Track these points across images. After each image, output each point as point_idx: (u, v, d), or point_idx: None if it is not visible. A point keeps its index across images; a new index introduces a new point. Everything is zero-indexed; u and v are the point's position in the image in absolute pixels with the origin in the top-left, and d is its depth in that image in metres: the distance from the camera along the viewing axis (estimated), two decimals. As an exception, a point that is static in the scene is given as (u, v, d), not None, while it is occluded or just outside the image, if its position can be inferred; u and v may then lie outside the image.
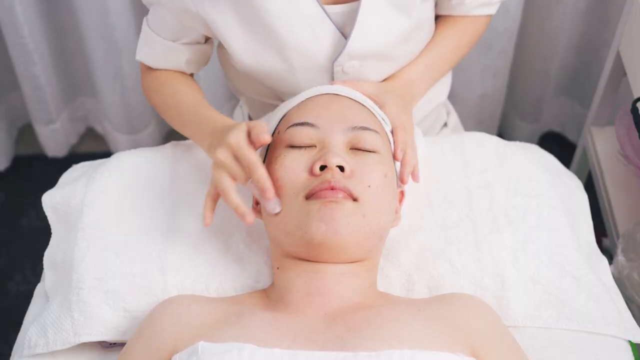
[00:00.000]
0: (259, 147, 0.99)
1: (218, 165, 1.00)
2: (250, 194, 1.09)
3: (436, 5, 1.24)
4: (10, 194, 2.20)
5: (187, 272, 1.09)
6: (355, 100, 1.08)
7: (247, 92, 1.34)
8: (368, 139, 1.02)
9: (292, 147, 1.01)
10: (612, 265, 1.37)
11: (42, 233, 2.02)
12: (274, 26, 1.08)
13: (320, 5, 1.07)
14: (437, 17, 1.27)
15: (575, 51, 2.07)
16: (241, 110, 1.43)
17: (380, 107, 1.11)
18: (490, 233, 1.13)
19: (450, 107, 1.51)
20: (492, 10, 1.27)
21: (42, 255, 1.19)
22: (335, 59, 1.12)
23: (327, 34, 1.10)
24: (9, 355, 1.09)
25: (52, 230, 1.21)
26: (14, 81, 2.15)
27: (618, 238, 1.47)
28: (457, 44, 1.26)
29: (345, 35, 1.11)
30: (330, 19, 1.08)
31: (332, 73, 1.15)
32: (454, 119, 1.50)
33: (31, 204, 2.15)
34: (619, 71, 1.60)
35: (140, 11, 1.97)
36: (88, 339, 1.04)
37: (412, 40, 1.18)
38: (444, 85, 1.41)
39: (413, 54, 1.22)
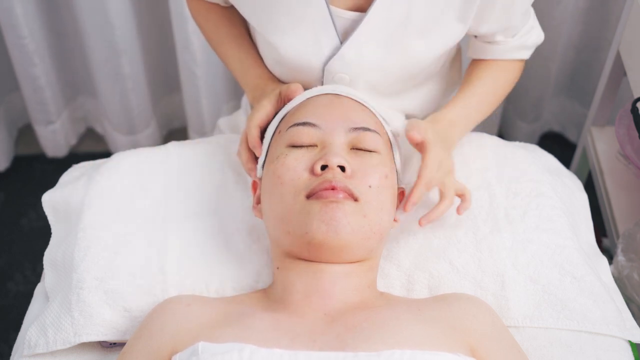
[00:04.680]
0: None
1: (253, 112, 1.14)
2: (251, 193, 1.11)
3: (469, 49, 1.25)
4: (10, 194, 2.20)
5: (187, 272, 1.09)
6: (356, 101, 1.08)
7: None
8: (369, 140, 1.02)
9: (294, 146, 1.01)
10: (612, 265, 1.37)
11: (42, 233, 2.03)
12: (278, 14, 1.08)
13: (328, 6, 1.06)
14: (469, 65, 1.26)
15: (575, 51, 2.07)
16: (244, 112, 1.43)
17: (422, 153, 1.08)
18: (490, 233, 1.13)
19: None
20: (526, 54, 1.23)
21: (42, 255, 1.19)
22: (327, 62, 1.12)
23: (325, 34, 1.09)
24: (9, 355, 1.09)
25: (52, 230, 1.21)
26: (14, 82, 2.15)
27: (618, 238, 1.47)
28: (493, 87, 1.22)
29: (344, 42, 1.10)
30: (334, 22, 1.08)
31: (322, 79, 1.15)
32: None
33: (31, 204, 2.15)
34: (619, 71, 1.60)
35: (140, 12, 1.97)
36: (88, 339, 1.04)
37: (409, 78, 1.18)
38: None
39: (409, 95, 1.22)
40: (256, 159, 1.13)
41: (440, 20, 1.08)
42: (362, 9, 1.08)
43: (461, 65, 1.35)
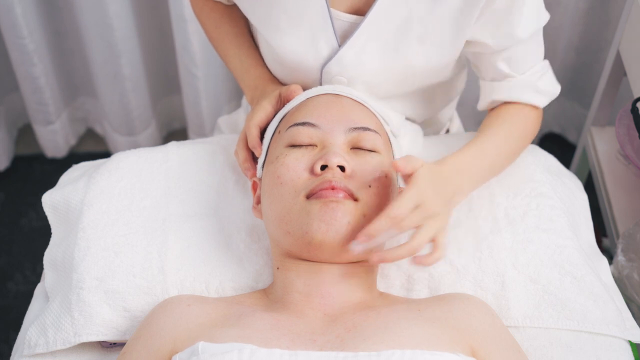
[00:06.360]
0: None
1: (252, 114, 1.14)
2: (251, 193, 1.11)
3: (480, 101, 1.22)
4: (10, 194, 2.20)
5: (187, 272, 1.09)
6: (356, 101, 1.08)
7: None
8: (369, 139, 1.02)
9: (293, 146, 1.01)
10: (612, 265, 1.37)
11: (42, 233, 2.03)
12: (278, 12, 1.08)
13: (328, 7, 1.06)
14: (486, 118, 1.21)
15: (576, 52, 2.07)
16: (245, 111, 1.43)
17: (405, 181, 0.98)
18: (491, 233, 1.13)
19: (455, 113, 1.50)
20: (539, 100, 1.18)
21: (42, 255, 1.19)
22: (325, 64, 1.12)
23: (324, 36, 1.09)
24: (9, 355, 1.09)
25: (52, 230, 1.21)
26: (14, 82, 2.15)
27: (618, 238, 1.47)
28: (508, 136, 1.15)
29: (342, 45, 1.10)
30: (333, 24, 1.08)
31: (320, 80, 1.15)
32: (456, 124, 1.50)
33: (31, 204, 2.15)
34: (619, 71, 1.61)
35: (139, 13, 1.97)
36: (88, 339, 1.04)
37: (408, 84, 1.17)
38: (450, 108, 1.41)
39: (408, 99, 1.22)
40: (253, 158, 1.13)
41: (441, 29, 1.07)
42: (362, 12, 1.08)
43: (466, 75, 1.34)
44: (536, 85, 1.16)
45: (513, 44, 1.11)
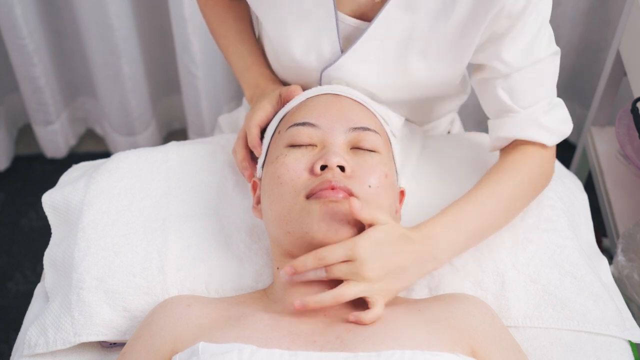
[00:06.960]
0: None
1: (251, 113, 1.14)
2: (251, 193, 1.11)
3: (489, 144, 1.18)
4: (10, 194, 2.20)
5: (187, 272, 1.09)
6: (356, 101, 1.08)
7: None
8: (368, 139, 1.02)
9: (293, 146, 1.01)
10: (612, 265, 1.37)
11: (42, 233, 2.03)
12: (283, 8, 1.07)
13: (335, 9, 1.06)
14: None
15: (576, 52, 2.07)
16: (245, 109, 1.43)
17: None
18: (491, 233, 1.13)
19: (456, 115, 1.50)
20: (546, 138, 1.10)
21: (42, 255, 1.19)
22: (326, 67, 1.11)
23: (327, 37, 1.09)
24: (9, 355, 1.09)
25: (52, 230, 1.21)
26: (14, 82, 2.15)
27: (618, 238, 1.47)
28: (503, 190, 1.07)
29: (345, 51, 1.10)
30: (337, 27, 1.08)
31: (320, 82, 1.14)
32: (457, 126, 1.50)
33: (31, 204, 2.15)
34: (619, 71, 1.61)
35: (139, 13, 1.97)
36: (88, 339, 1.04)
37: (407, 93, 1.17)
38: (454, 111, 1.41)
39: (407, 105, 1.21)
40: (251, 158, 1.13)
41: (444, 45, 1.06)
42: (366, 17, 1.08)
43: (467, 79, 1.34)
44: (540, 120, 1.09)
45: (507, 70, 1.07)
